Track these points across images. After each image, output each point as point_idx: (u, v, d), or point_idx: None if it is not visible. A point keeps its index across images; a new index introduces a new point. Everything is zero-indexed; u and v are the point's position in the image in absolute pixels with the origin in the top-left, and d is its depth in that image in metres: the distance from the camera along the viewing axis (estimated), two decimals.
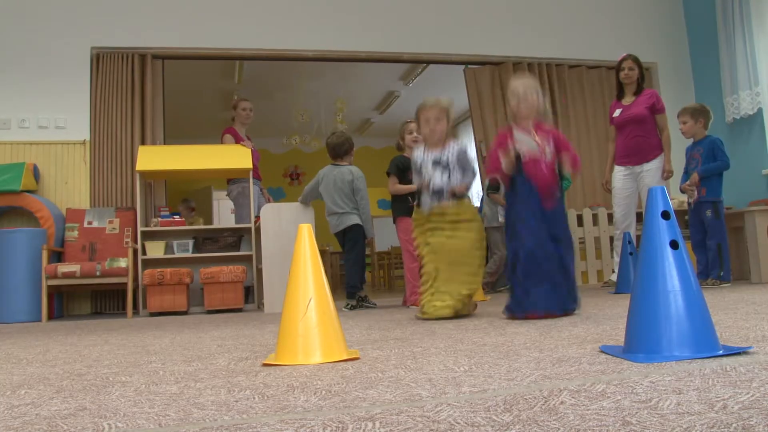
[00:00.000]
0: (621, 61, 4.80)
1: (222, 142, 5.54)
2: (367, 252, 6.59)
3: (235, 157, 5.27)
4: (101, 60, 5.64)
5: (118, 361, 1.97)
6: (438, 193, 3.12)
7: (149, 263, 5.07)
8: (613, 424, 0.88)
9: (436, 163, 3.17)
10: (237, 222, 5.54)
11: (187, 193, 9.60)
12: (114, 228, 5.28)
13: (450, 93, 6.15)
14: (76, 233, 5.20)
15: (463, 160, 3.19)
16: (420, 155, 3.27)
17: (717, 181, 4.57)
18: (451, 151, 3.19)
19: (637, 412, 0.94)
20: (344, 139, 4.56)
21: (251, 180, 5.24)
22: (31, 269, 4.79)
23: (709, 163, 4.55)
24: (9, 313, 4.70)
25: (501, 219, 5.63)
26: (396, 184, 4.24)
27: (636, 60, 4.77)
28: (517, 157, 2.88)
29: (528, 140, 2.87)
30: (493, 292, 5.54)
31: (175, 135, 7.12)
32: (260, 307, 4.97)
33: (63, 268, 4.72)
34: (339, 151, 4.53)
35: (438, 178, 3.14)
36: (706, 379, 1.16)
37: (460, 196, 3.15)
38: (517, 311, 2.73)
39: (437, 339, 2.15)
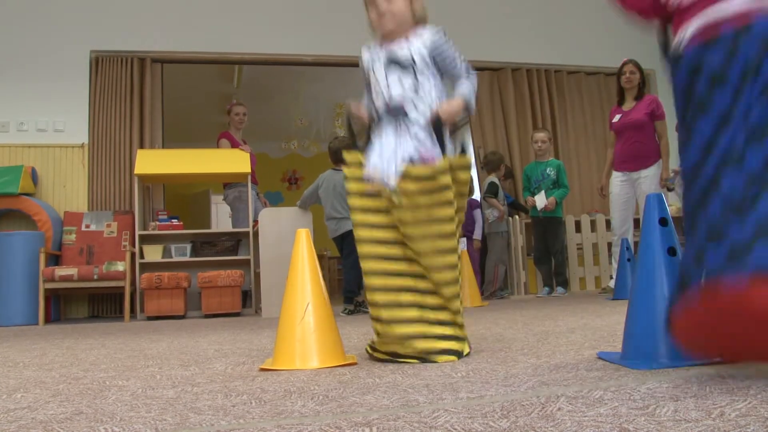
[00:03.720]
0: (622, 66, 4.81)
1: (218, 147, 5.54)
2: None
3: (234, 161, 5.27)
4: (100, 63, 5.65)
5: (115, 365, 1.97)
6: (397, 112, 1.86)
7: (147, 267, 5.05)
8: (610, 431, 0.88)
9: (392, 61, 1.92)
10: (233, 226, 5.53)
11: (185, 197, 9.59)
12: (112, 231, 5.27)
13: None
14: (73, 236, 5.19)
15: (444, 53, 1.94)
16: (368, 55, 2.02)
17: None
18: (418, 42, 1.93)
19: (634, 419, 0.94)
20: (346, 144, 4.56)
21: (249, 184, 5.24)
22: (28, 272, 4.78)
23: None
24: (6, 316, 4.68)
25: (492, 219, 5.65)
26: None
27: (637, 65, 4.78)
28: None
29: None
30: (496, 298, 5.53)
31: (173, 138, 7.12)
32: (258, 311, 4.96)
33: (60, 271, 4.71)
34: (340, 155, 4.53)
35: (396, 87, 1.88)
36: (704, 386, 1.16)
37: (450, 124, 1.88)
38: None
39: None
